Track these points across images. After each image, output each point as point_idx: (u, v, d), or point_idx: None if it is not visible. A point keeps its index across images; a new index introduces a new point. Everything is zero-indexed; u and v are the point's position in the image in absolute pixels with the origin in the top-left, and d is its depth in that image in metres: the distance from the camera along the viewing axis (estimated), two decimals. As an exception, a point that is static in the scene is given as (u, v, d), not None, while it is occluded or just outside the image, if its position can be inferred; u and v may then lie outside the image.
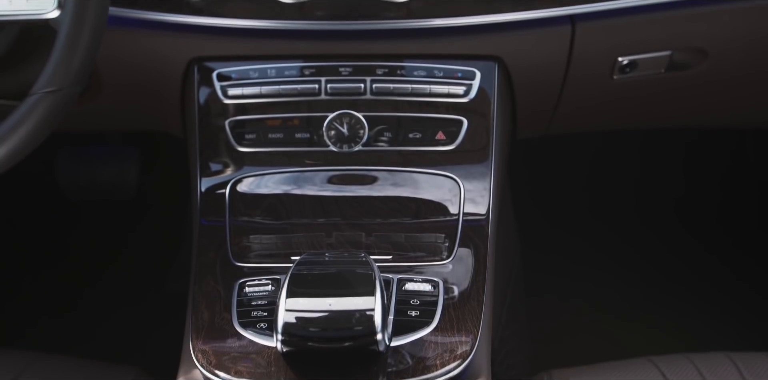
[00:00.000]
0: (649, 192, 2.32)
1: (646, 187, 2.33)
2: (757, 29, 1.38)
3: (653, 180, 2.33)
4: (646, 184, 2.33)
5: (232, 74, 1.33)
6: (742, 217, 2.27)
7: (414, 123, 1.33)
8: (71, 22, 1.04)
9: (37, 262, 2.19)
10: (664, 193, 2.32)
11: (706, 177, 2.33)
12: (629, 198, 2.31)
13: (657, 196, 2.31)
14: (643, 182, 2.34)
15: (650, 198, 2.31)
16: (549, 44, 1.35)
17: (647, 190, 2.32)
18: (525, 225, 1.96)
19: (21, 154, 1.06)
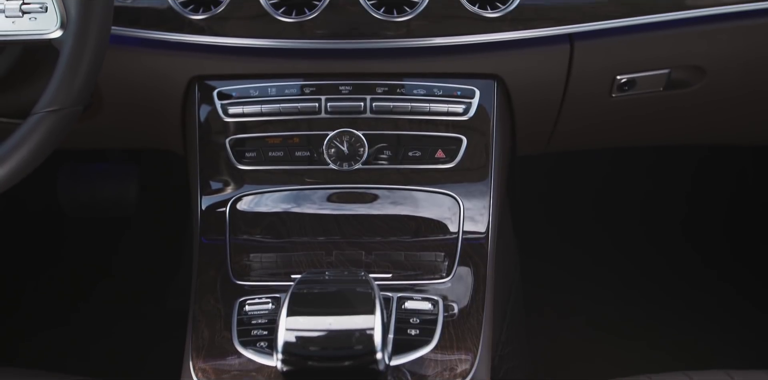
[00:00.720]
0: (654, 208, 2.32)
1: (652, 202, 2.33)
2: (755, 48, 1.39)
3: (659, 195, 2.33)
4: (652, 199, 2.33)
5: (232, 92, 1.34)
6: (746, 234, 2.26)
7: (414, 141, 1.33)
8: (74, 42, 1.05)
9: (36, 278, 2.19)
10: (669, 209, 2.32)
11: (712, 193, 2.33)
12: (634, 213, 2.31)
13: (661, 212, 2.31)
14: (649, 197, 2.34)
15: (654, 214, 2.31)
16: (548, 63, 1.36)
17: (652, 205, 2.32)
18: (527, 240, 1.96)
19: (23, 172, 1.07)
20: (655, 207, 2.32)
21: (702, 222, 2.29)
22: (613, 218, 2.29)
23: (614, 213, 2.30)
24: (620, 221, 2.29)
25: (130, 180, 2.11)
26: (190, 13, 1.28)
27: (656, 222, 2.29)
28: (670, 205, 2.33)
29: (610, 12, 1.30)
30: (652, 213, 2.31)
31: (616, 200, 2.32)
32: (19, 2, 1.06)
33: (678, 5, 1.31)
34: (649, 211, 2.32)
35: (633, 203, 2.33)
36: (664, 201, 2.33)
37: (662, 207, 2.32)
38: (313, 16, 1.28)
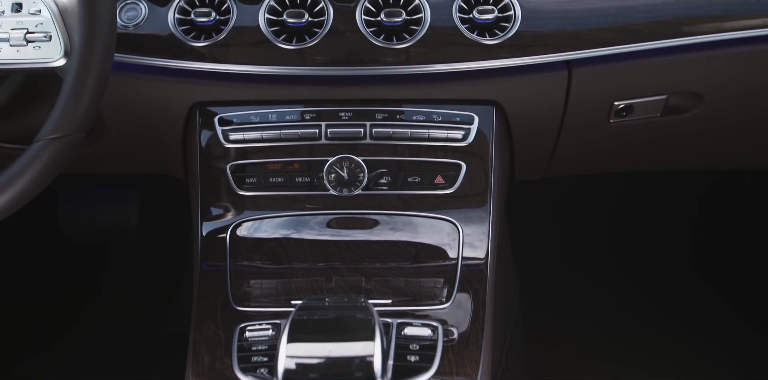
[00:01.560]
0: (659, 232, 2.32)
1: (657, 226, 2.33)
2: (751, 75, 1.40)
3: (664, 219, 2.33)
4: (657, 223, 2.33)
5: (233, 119, 1.35)
6: (751, 261, 2.26)
7: (413, 167, 1.34)
8: (77, 71, 1.06)
9: (35, 300, 2.19)
10: (675, 233, 2.32)
11: (719, 217, 2.33)
12: (638, 237, 2.31)
13: (666, 236, 2.31)
14: (654, 221, 2.34)
15: (659, 238, 2.30)
16: (546, 89, 1.37)
17: (657, 229, 2.32)
18: (528, 264, 1.97)
19: (26, 199, 1.08)
20: (660, 231, 2.32)
21: (708, 247, 2.28)
22: (617, 242, 2.29)
23: (618, 236, 2.30)
24: (624, 245, 2.29)
25: (130, 204, 2.12)
26: (191, 40, 1.30)
27: (661, 246, 2.29)
28: (675, 230, 2.33)
29: (607, 39, 1.32)
30: (657, 238, 2.31)
31: (619, 223, 2.32)
32: (24, 31, 1.08)
33: (674, 32, 1.33)
34: (653, 235, 2.31)
35: (637, 227, 2.33)
36: (670, 225, 2.33)
37: (667, 232, 2.32)
38: (313, 43, 1.29)
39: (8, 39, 1.08)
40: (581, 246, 2.27)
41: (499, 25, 1.30)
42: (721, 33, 1.33)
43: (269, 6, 1.29)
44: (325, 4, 1.29)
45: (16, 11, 1.08)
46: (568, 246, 2.26)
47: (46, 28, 1.07)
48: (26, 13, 1.08)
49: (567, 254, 2.25)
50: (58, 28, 1.07)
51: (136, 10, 1.31)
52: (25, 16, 1.08)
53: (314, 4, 1.30)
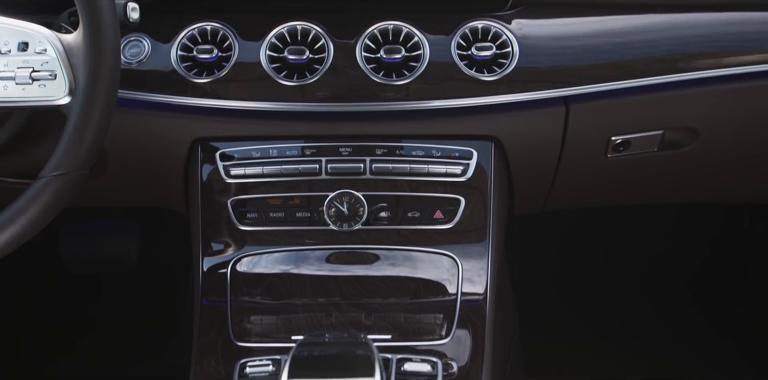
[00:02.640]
0: (660, 267, 2.31)
1: (658, 262, 2.32)
2: (747, 110, 1.42)
3: (665, 253, 2.33)
4: (658, 258, 2.33)
5: (234, 154, 1.36)
6: (753, 297, 2.26)
7: (413, 202, 1.35)
8: (81, 109, 1.07)
9: (36, 332, 2.19)
10: (676, 269, 2.31)
11: (721, 253, 2.33)
12: (639, 272, 2.31)
13: (668, 272, 2.31)
14: (656, 256, 2.33)
15: (660, 273, 2.30)
16: (544, 124, 1.38)
17: (658, 264, 2.32)
18: (528, 299, 1.97)
19: (29, 234, 1.09)
20: (661, 264, 2.32)
21: (707, 281, 2.27)
22: (618, 276, 2.29)
23: (617, 269, 2.30)
24: (624, 278, 2.29)
25: (130, 237, 2.13)
26: (194, 76, 1.31)
27: (661, 280, 2.29)
28: (675, 263, 2.32)
29: (603, 75, 1.33)
30: (658, 271, 2.31)
31: (618, 256, 2.32)
32: (30, 70, 1.09)
33: (670, 68, 1.34)
34: (655, 271, 2.31)
35: (637, 260, 2.33)
36: (670, 258, 2.33)
37: (667, 265, 2.32)
38: (314, 80, 1.30)
39: (14, 77, 1.09)
40: (581, 279, 2.27)
41: (497, 61, 1.32)
42: (716, 69, 1.35)
43: (270, 43, 1.31)
44: (326, 41, 1.31)
45: (23, 50, 1.09)
46: (567, 280, 2.26)
47: (52, 67, 1.09)
48: (32, 52, 1.09)
49: (566, 287, 2.24)
50: (63, 66, 1.08)
51: (140, 46, 1.32)
52: (31, 55, 1.09)
53: (315, 41, 1.32)
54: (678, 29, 1.35)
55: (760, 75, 1.37)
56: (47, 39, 1.09)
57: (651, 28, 1.35)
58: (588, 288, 2.25)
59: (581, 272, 2.29)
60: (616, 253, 2.32)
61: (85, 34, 1.07)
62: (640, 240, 2.35)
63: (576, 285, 2.26)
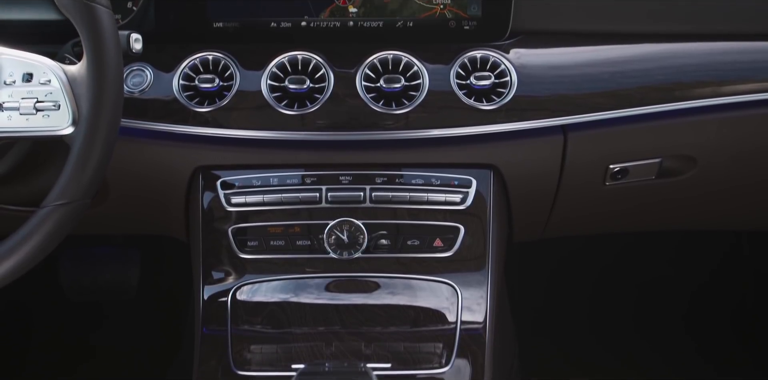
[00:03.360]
0: (660, 293, 2.31)
1: (658, 289, 2.32)
2: (743, 139, 1.43)
3: (665, 280, 2.33)
4: (658, 285, 2.33)
5: (235, 182, 1.37)
6: (750, 323, 2.25)
7: (412, 230, 1.36)
8: (84, 139, 1.08)
9: (34, 360, 2.18)
10: (675, 294, 2.31)
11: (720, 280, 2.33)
12: (639, 300, 2.30)
13: (666, 296, 2.30)
14: (656, 283, 2.33)
15: (659, 302, 2.30)
16: (542, 153, 1.40)
17: (658, 292, 2.31)
18: (527, 325, 1.96)
19: (32, 263, 1.09)
20: (661, 291, 2.31)
21: (706, 307, 2.27)
22: (615, 303, 2.29)
23: (616, 298, 2.29)
24: (622, 307, 2.28)
25: (131, 264, 2.13)
26: (195, 105, 1.32)
27: (659, 309, 2.28)
28: (674, 290, 2.32)
29: (601, 104, 1.35)
30: (656, 300, 2.30)
31: (618, 285, 2.32)
32: (34, 100, 1.10)
33: (666, 98, 1.36)
34: (653, 298, 2.31)
35: (637, 289, 2.32)
36: (669, 285, 2.32)
37: (667, 292, 2.31)
38: (314, 109, 1.32)
39: (18, 108, 1.10)
40: (580, 306, 2.27)
41: (496, 90, 1.33)
42: (712, 98, 1.37)
43: (271, 72, 1.33)
44: (326, 71, 1.33)
45: (27, 81, 1.11)
46: (566, 307, 2.26)
47: (55, 98, 1.10)
48: (36, 83, 1.10)
49: (566, 314, 2.24)
50: (67, 97, 1.10)
51: (142, 76, 1.34)
52: (36, 85, 1.10)
53: (315, 70, 1.33)
54: (674, 58, 1.37)
55: (756, 104, 1.38)
56: (51, 70, 1.10)
57: (647, 57, 1.37)
58: (587, 316, 2.25)
59: (579, 300, 2.28)
60: (614, 280, 2.32)
61: (89, 65, 1.08)
62: (638, 267, 2.35)
63: (575, 313, 2.26)
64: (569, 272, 2.32)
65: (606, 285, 2.31)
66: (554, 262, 2.32)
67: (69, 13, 1.08)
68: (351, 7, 1.35)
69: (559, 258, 2.31)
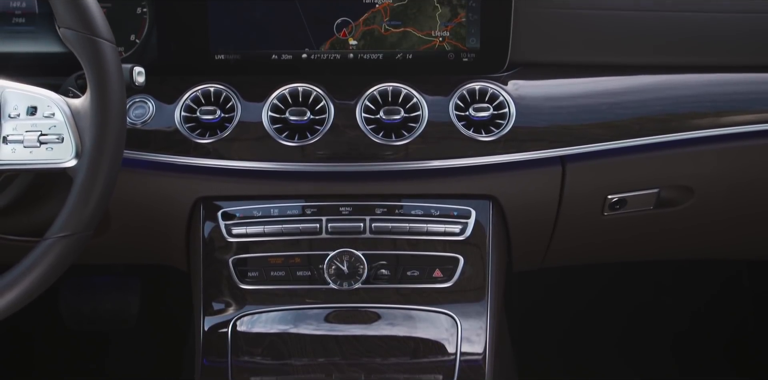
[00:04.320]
0: (660, 323, 2.31)
1: (657, 317, 2.32)
2: (740, 169, 1.44)
3: (665, 309, 2.33)
4: (658, 314, 2.32)
5: (236, 213, 1.38)
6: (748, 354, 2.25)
7: (412, 260, 1.37)
8: (87, 171, 1.09)
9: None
10: (674, 324, 2.30)
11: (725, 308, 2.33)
12: (637, 329, 2.30)
13: (666, 326, 2.30)
14: (656, 312, 2.33)
15: (660, 329, 2.30)
16: (541, 184, 1.41)
17: (657, 320, 2.31)
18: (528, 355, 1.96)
19: (34, 295, 1.10)
20: (660, 321, 2.31)
21: (707, 341, 2.26)
22: (614, 330, 2.28)
23: (615, 325, 2.29)
24: (621, 334, 2.28)
25: (131, 293, 2.13)
26: (197, 137, 1.33)
27: (658, 337, 2.28)
28: (674, 319, 2.31)
29: (599, 135, 1.36)
30: (656, 328, 2.30)
31: (617, 312, 2.31)
32: (38, 133, 1.11)
33: (663, 129, 1.37)
34: (653, 325, 2.31)
35: (636, 317, 2.32)
36: (669, 315, 2.32)
37: (666, 321, 2.31)
38: (315, 140, 1.33)
39: (22, 140, 1.11)
40: (580, 335, 2.26)
41: (495, 121, 1.34)
42: (709, 129, 1.38)
43: (272, 104, 1.34)
44: (326, 103, 1.34)
45: (31, 114, 1.12)
46: (566, 336, 2.25)
47: (59, 131, 1.11)
48: (41, 116, 1.11)
49: (566, 344, 2.24)
50: (71, 130, 1.11)
51: (144, 108, 1.35)
52: (40, 118, 1.11)
53: (316, 102, 1.34)
54: (670, 90, 1.38)
55: (752, 135, 1.39)
56: (55, 103, 1.12)
57: (643, 88, 1.38)
58: (587, 345, 2.24)
59: (578, 329, 2.28)
60: (613, 308, 2.31)
61: (93, 98, 1.10)
62: (636, 295, 2.35)
63: (574, 343, 2.25)
64: (568, 300, 2.32)
65: (604, 312, 2.31)
66: (554, 291, 2.32)
67: (73, 47, 1.10)
68: (351, 39, 1.37)
69: (558, 287, 2.30)
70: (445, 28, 1.36)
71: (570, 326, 2.29)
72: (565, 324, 2.29)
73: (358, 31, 1.36)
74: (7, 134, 1.11)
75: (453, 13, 1.35)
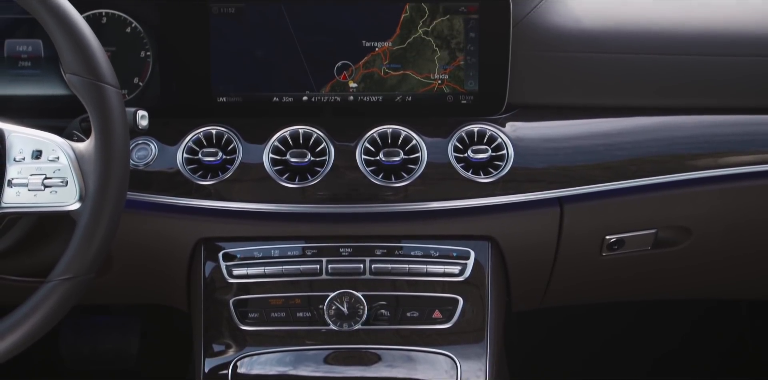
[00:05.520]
0: (660, 364, 2.30)
1: (658, 358, 2.31)
2: (736, 210, 1.45)
3: (665, 348, 2.32)
4: (658, 354, 2.32)
5: (237, 254, 1.39)
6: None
7: (412, 301, 1.37)
8: (90, 215, 1.10)
9: None
10: (675, 365, 2.30)
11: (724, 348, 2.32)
12: (639, 367, 2.29)
13: (666, 368, 2.29)
14: (656, 351, 2.32)
15: (660, 369, 2.29)
16: (539, 225, 1.41)
17: (658, 360, 2.30)
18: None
19: (35, 338, 1.10)
20: (660, 361, 2.30)
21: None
22: (613, 370, 2.27)
23: (614, 366, 2.27)
24: (620, 374, 2.27)
25: (131, 333, 2.13)
26: (198, 178, 1.35)
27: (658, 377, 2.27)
28: (674, 360, 2.31)
29: (596, 176, 1.37)
30: (657, 368, 2.29)
31: (616, 353, 2.30)
32: (42, 177, 1.12)
33: (660, 170, 1.38)
34: (653, 365, 2.30)
35: (637, 356, 2.31)
36: (670, 356, 2.32)
37: (667, 362, 2.30)
38: (315, 182, 1.34)
39: (27, 184, 1.12)
40: (582, 377, 2.25)
41: (493, 163, 1.36)
42: (705, 170, 1.39)
43: (273, 146, 1.35)
44: (327, 145, 1.36)
45: (36, 158, 1.13)
46: (567, 377, 2.24)
47: (63, 174, 1.12)
48: (45, 160, 1.13)
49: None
50: (75, 173, 1.12)
51: (147, 149, 1.36)
52: (44, 162, 1.13)
53: (316, 144, 1.36)
54: (664, 131, 1.40)
55: (749, 176, 1.41)
56: (60, 147, 1.13)
57: (639, 129, 1.40)
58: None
59: (580, 368, 2.27)
60: (614, 348, 2.30)
61: (97, 143, 1.11)
62: (636, 335, 2.34)
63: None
64: (569, 341, 2.31)
65: (602, 352, 2.30)
66: (555, 331, 2.31)
67: (78, 92, 1.12)
68: (351, 82, 1.39)
69: (559, 327, 2.30)
70: (443, 70, 1.38)
71: (571, 367, 2.28)
72: (566, 364, 2.28)
73: (358, 74, 1.39)
74: (12, 177, 1.12)
75: (452, 56, 1.38)
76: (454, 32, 1.37)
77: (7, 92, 1.39)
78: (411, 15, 1.37)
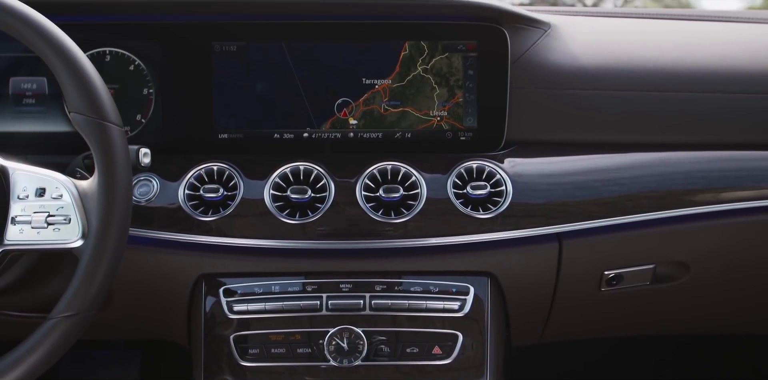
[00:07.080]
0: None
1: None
2: (733, 245, 1.46)
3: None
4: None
5: (237, 290, 1.39)
6: None
7: (411, 337, 1.37)
8: (92, 252, 1.11)
9: None
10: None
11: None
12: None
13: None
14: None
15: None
16: (538, 260, 1.42)
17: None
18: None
19: (37, 374, 1.11)
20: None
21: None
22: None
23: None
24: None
25: (131, 367, 2.12)
26: (200, 214, 1.36)
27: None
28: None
29: (594, 212, 1.38)
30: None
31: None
32: (46, 214, 1.13)
33: (657, 205, 1.39)
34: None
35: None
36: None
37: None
38: (315, 218, 1.35)
39: (30, 221, 1.13)
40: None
41: (492, 199, 1.36)
42: (702, 206, 1.40)
43: (274, 182, 1.36)
44: (327, 181, 1.37)
45: (40, 195, 1.14)
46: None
47: (66, 212, 1.13)
48: (48, 198, 1.14)
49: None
50: (78, 211, 1.13)
51: (149, 186, 1.37)
52: (48, 200, 1.14)
53: (316, 180, 1.37)
54: (662, 166, 1.41)
55: (747, 211, 1.42)
56: (63, 185, 1.14)
57: (636, 165, 1.41)
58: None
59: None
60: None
61: (100, 181, 1.12)
62: (637, 370, 2.33)
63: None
64: (569, 376, 2.30)
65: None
66: (555, 366, 2.30)
67: (82, 130, 1.13)
68: (351, 119, 1.41)
69: (559, 362, 2.29)
70: (443, 107, 1.40)
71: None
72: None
73: (358, 110, 1.40)
74: (15, 215, 1.13)
75: (450, 93, 1.39)
76: (452, 70, 1.39)
77: (11, 129, 1.41)
78: (410, 53, 1.39)
